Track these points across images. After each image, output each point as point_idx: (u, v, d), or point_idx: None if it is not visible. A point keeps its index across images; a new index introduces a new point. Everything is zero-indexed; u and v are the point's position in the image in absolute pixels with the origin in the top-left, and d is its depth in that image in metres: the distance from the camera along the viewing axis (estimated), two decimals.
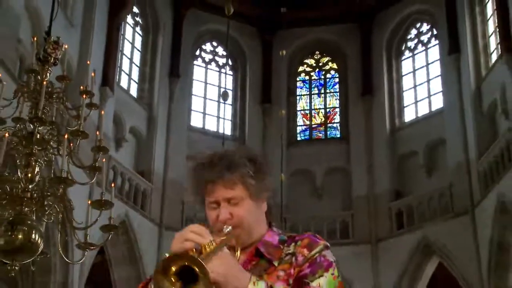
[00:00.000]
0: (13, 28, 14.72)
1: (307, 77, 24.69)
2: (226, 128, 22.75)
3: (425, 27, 22.99)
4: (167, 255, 2.22)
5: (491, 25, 19.70)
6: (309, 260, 2.45)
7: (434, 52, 22.42)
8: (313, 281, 2.40)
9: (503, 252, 17.21)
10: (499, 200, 17.00)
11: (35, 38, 7.88)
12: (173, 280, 2.16)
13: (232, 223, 2.50)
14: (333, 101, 24.18)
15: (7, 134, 6.64)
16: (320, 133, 24.02)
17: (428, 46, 22.75)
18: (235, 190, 2.53)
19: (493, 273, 17.33)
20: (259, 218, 2.62)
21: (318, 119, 24.16)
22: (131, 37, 21.81)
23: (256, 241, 2.59)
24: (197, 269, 2.13)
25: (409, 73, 22.98)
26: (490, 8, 19.80)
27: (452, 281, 19.04)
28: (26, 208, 6.61)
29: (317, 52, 24.66)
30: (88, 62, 16.02)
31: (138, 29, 22.14)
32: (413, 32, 23.26)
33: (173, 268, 2.16)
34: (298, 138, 23.86)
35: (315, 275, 2.41)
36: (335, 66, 24.49)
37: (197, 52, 23.75)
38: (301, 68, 24.67)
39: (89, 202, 6.74)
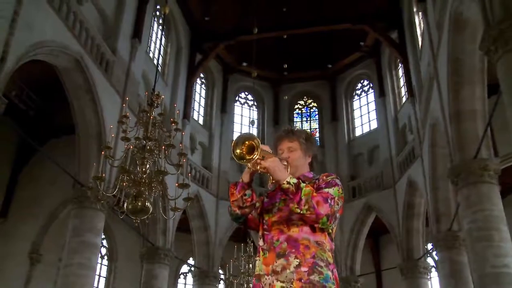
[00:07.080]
0: (135, 87, 15.00)
1: (300, 111, 24.53)
2: None
3: (365, 82, 22.79)
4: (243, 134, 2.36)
5: (402, 81, 19.59)
6: (325, 181, 2.45)
7: (371, 96, 22.22)
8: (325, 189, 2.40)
9: (410, 209, 17.25)
10: (408, 180, 16.96)
11: (146, 93, 8.12)
12: (242, 147, 2.27)
13: (287, 160, 2.56)
14: (315, 124, 24.06)
15: (131, 147, 6.85)
16: None
17: (368, 92, 22.55)
18: (293, 143, 2.60)
19: (404, 220, 17.34)
20: (304, 163, 2.64)
21: None
22: (199, 90, 21.90)
23: (299, 176, 2.58)
24: (255, 146, 2.25)
25: (358, 108, 22.78)
26: (400, 72, 19.77)
27: (382, 225, 19.01)
28: (142, 188, 6.82)
29: (305, 97, 24.46)
30: (175, 105, 16.12)
31: (203, 86, 22.27)
32: (359, 85, 23.09)
33: (246, 143, 2.28)
34: None
35: (327, 188, 2.39)
36: (315, 104, 24.29)
37: (236, 98, 23.76)
38: (296, 106, 24.53)
39: (177, 184, 6.88)
